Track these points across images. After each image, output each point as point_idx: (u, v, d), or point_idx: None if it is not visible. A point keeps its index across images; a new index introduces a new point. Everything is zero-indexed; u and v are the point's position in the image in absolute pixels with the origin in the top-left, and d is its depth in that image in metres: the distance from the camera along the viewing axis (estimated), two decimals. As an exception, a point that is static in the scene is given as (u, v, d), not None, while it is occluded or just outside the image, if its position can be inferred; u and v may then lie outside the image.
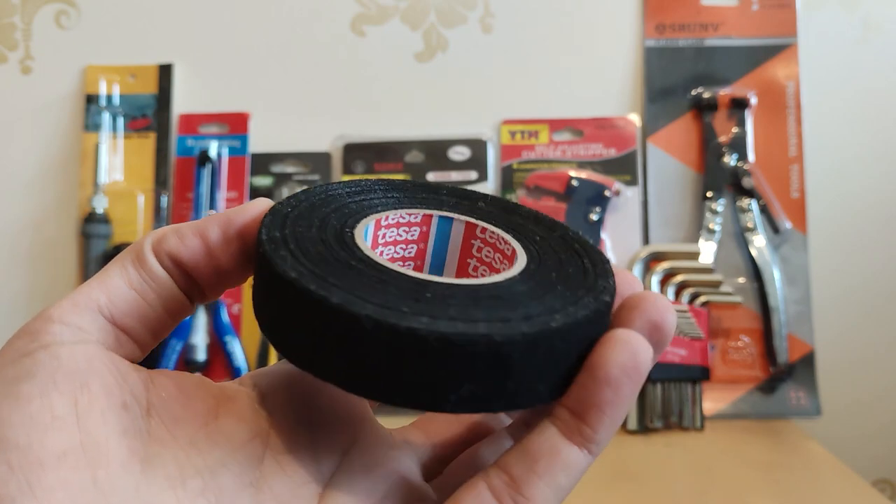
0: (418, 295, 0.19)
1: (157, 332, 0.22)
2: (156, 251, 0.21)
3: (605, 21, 0.76)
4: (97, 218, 0.73)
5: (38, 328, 0.19)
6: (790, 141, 0.73)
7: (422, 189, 0.26)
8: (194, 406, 0.20)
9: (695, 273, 0.69)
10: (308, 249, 0.20)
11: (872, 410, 0.73)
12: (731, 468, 0.56)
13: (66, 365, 0.18)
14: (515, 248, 0.23)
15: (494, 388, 0.18)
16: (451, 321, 0.18)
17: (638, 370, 0.19)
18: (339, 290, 0.18)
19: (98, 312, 0.20)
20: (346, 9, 0.77)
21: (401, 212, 0.24)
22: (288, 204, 0.22)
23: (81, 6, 0.77)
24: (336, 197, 0.24)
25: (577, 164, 0.74)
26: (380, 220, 0.24)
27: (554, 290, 0.21)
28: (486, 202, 0.26)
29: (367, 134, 0.76)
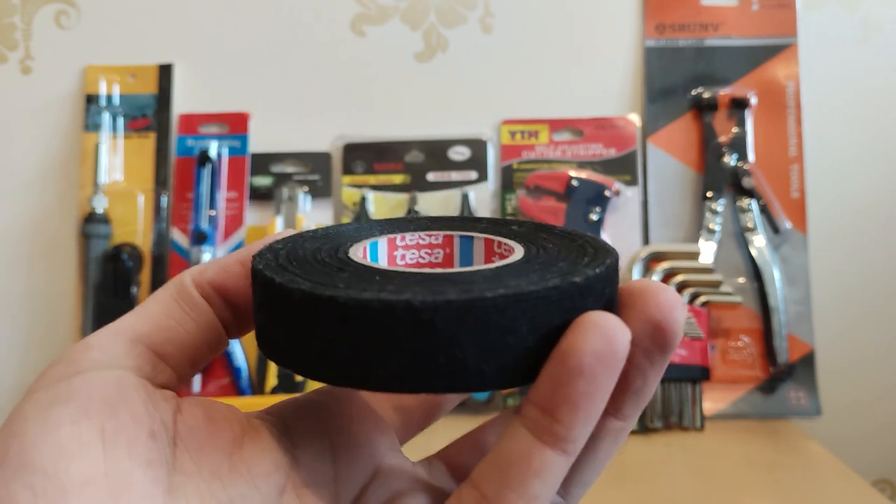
0: (378, 277, 0.19)
1: (196, 361, 0.22)
2: (197, 282, 0.22)
3: (605, 21, 0.76)
4: (97, 218, 0.73)
5: (75, 355, 0.20)
6: (790, 141, 0.73)
7: (427, 220, 0.26)
8: (220, 435, 0.20)
9: (695, 273, 0.69)
10: (298, 259, 0.21)
11: (872, 410, 0.73)
12: (731, 468, 0.56)
13: (98, 392, 0.19)
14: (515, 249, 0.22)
15: (425, 363, 0.17)
16: (380, 292, 0.17)
17: (614, 356, 0.17)
18: (294, 276, 0.19)
19: (137, 340, 0.21)
20: (346, 9, 0.77)
21: (419, 233, 0.24)
22: (300, 235, 0.23)
23: (81, 6, 0.77)
24: (340, 233, 0.24)
25: (577, 164, 0.74)
26: (394, 238, 0.24)
27: (527, 274, 0.19)
28: (518, 226, 0.25)
29: (367, 134, 0.76)
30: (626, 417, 0.20)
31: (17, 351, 0.75)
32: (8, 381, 0.75)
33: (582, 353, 0.17)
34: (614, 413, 0.20)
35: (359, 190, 0.74)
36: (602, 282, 0.19)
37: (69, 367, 0.19)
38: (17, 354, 0.75)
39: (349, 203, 0.74)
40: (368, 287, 0.18)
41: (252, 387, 0.70)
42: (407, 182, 0.75)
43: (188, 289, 0.22)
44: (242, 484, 0.19)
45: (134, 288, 0.72)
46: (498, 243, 0.23)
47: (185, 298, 0.22)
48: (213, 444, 0.20)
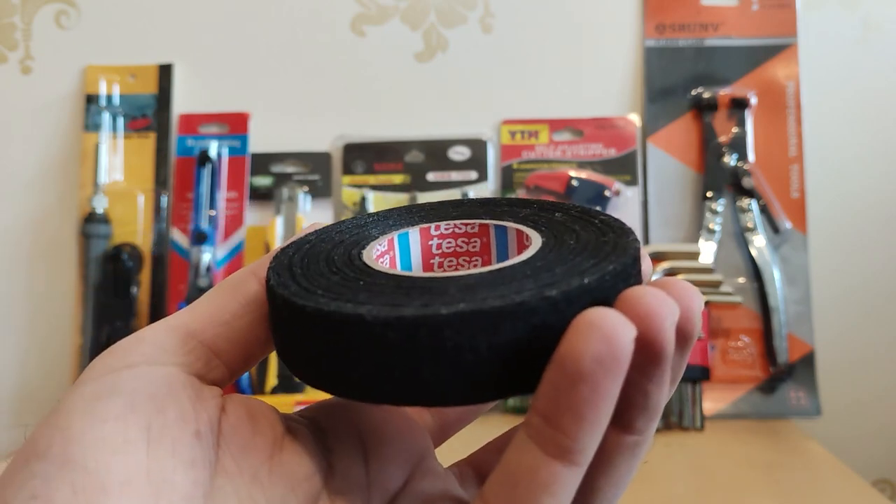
0: (362, 283, 0.19)
1: (249, 357, 0.22)
2: (258, 276, 0.22)
3: (605, 21, 0.76)
4: (97, 218, 0.73)
5: (127, 347, 0.20)
6: (790, 141, 0.73)
7: (446, 206, 0.26)
8: (262, 436, 0.20)
9: (695, 273, 0.69)
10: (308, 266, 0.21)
11: (872, 410, 0.73)
12: (731, 468, 0.56)
13: (146, 387, 0.18)
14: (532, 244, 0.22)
15: (384, 374, 0.17)
16: (347, 302, 0.18)
17: (615, 359, 0.16)
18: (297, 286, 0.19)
19: (191, 336, 0.20)
20: (346, 9, 0.77)
21: (455, 221, 0.24)
22: (305, 239, 0.23)
23: (81, 6, 0.77)
24: (356, 226, 0.24)
25: (577, 164, 0.74)
26: (428, 228, 0.24)
27: (516, 279, 0.18)
28: (530, 208, 0.25)
29: (367, 134, 0.76)
30: (640, 431, 0.19)
31: (17, 351, 0.75)
32: (8, 380, 0.75)
33: (580, 357, 0.16)
34: (625, 428, 0.19)
35: (359, 190, 0.74)
36: (588, 294, 0.17)
37: (119, 359, 0.19)
38: (17, 354, 0.75)
39: (349, 203, 0.74)
40: (347, 297, 0.18)
41: (252, 386, 0.70)
42: (407, 182, 0.75)
43: (246, 283, 0.21)
44: (281, 487, 0.19)
45: (134, 288, 0.72)
46: (526, 236, 0.22)
47: (242, 293, 0.21)
48: (254, 445, 0.20)
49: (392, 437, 0.22)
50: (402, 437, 0.23)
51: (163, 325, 0.20)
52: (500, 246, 0.24)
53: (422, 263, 0.24)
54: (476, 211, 0.25)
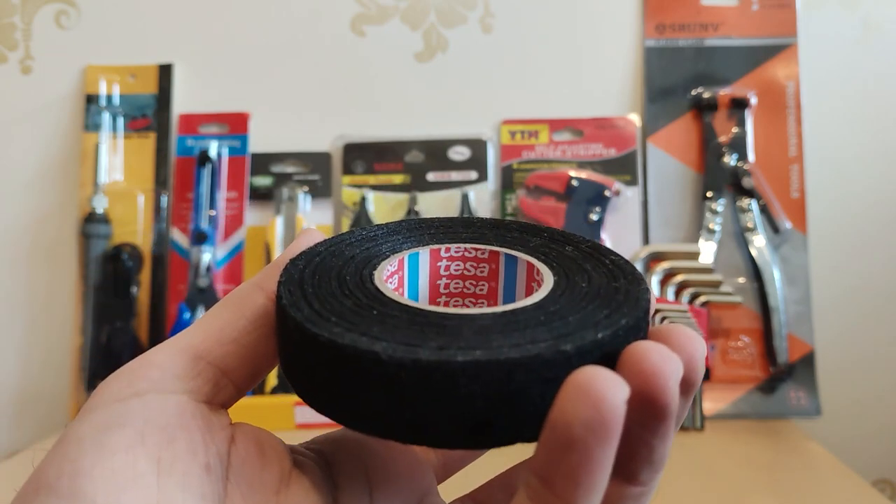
0: (375, 312, 0.19)
1: (258, 372, 0.21)
2: (263, 288, 0.21)
3: (605, 21, 0.76)
4: (97, 218, 0.73)
5: (136, 372, 0.19)
6: (790, 141, 0.73)
7: (457, 225, 0.25)
8: (270, 470, 0.20)
9: (695, 273, 0.69)
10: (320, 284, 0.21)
11: (872, 410, 0.73)
12: (731, 468, 0.56)
13: (156, 418, 0.18)
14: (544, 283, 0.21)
15: (393, 413, 0.17)
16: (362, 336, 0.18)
17: (607, 425, 0.15)
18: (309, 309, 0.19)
19: (199, 357, 0.20)
20: (346, 9, 0.77)
21: (465, 245, 0.24)
22: (315, 251, 0.23)
23: (81, 6, 0.77)
24: (366, 239, 0.24)
25: (577, 164, 0.74)
26: (438, 250, 0.23)
27: (529, 327, 0.18)
28: (541, 238, 0.24)
29: (367, 134, 0.76)
30: (645, 483, 0.19)
31: (17, 351, 0.75)
32: (8, 381, 0.75)
33: (570, 423, 0.15)
34: (629, 480, 0.18)
35: (359, 190, 0.74)
36: (600, 349, 0.17)
37: (128, 385, 0.19)
38: (18, 354, 0.75)
39: (349, 203, 0.74)
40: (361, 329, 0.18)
41: (252, 387, 0.70)
42: (407, 182, 0.75)
43: (252, 297, 0.21)
44: None
45: (134, 288, 0.72)
46: (537, 270, 0.22)
47: (249, 308, 0.21)
48: (262, 480, 0.19)
49: (397, 474, 0.22)
50: (408, 474, 0.23)
51: (171, 348, 0.20)
52: (509, 275, 0.24)
53: (429, 284, 0.24)
54: (486, 234, 0.25)
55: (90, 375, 0.71)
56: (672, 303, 0.67)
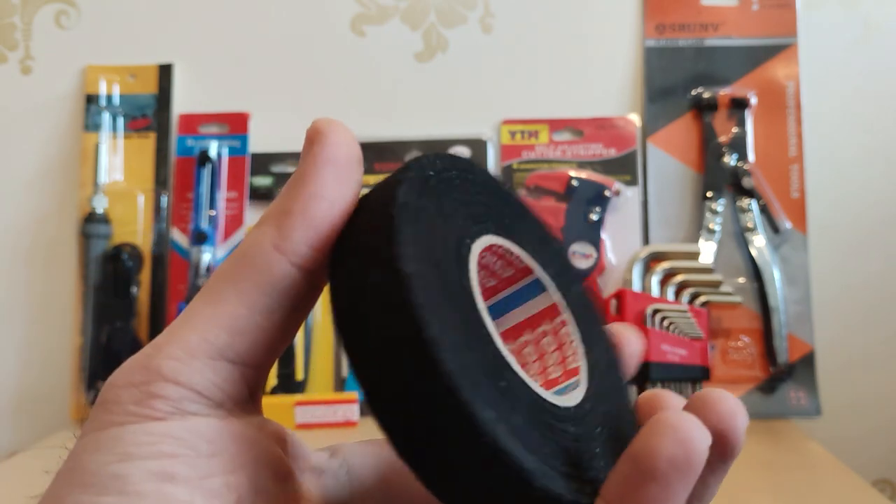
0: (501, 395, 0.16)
1: (278, 350, 0.19)
2: (283, 250, 0.18)
3: (605, 21, 0.76)
4: (97, 218, 0.73)
5: (145, 385, 0.17)
6: (790, 141, 0.73)
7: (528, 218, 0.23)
8: (284, 493, 0.19)
9: (695, 273, 0.69)
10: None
11: (872, 410, 0.73)
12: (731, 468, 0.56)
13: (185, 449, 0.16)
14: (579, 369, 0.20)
15: None
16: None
17: (690, 463, 0.16)
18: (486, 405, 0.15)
19: (218, 359, 0.17)
20: (346, 9, 0.77)
21: (513, 245, 0.21)
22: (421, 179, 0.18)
23: (81, 6, 0.77)
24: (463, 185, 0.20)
25: (577, 164, 0.74)
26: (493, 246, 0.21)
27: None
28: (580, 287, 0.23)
29: (367, 134, 0.76)
30: None
31: (17, 351, 0.75)
32: (8, 381, 0.75)
33: (656, 457, 0.16)
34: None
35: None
36: None
37: (142, 403, 0.16)
38: (18, 354, 0.75)
39: (349, 203, 0.74)
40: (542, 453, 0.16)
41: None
42: (407, 182, 0.75)
43: (272, 266, 0.17)
44: None
45: (134, 288, 0.72)
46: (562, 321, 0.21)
47: (269, 280, 0.17)
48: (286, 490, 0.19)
49: (419, 494, 0.21)
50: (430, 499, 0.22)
51: (181, 353, 0.17)
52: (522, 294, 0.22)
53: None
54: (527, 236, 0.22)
55: (90, 375, 0.71)
56: (672, 303, 0.67)
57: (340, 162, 0.19)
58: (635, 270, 0.69)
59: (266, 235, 0.18)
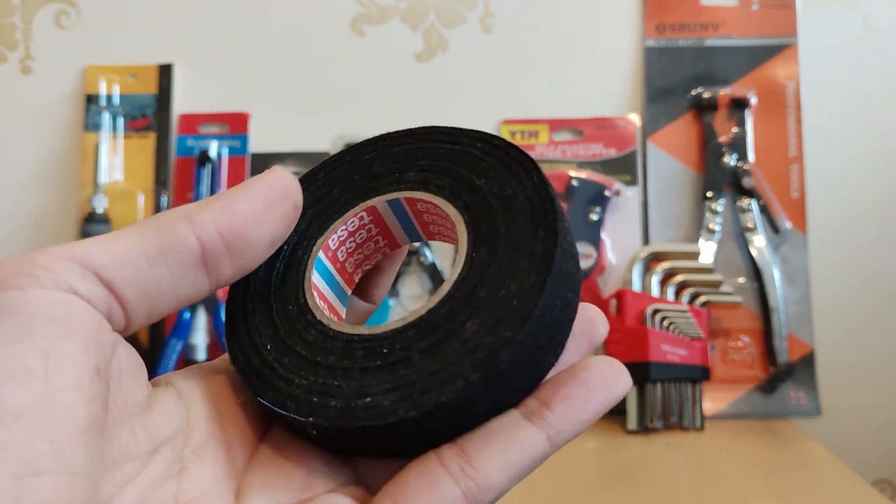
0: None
1: (155, 311, 0.20)
2: (194, 221, 0.19)
3: (605, 21, 0.76)
4: (97, 218, 0.73)
5: (14, 267, 0.17)
6: (790, 141, 0.73)
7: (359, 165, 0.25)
8: (140, 389, 0.19)
9: (695, 273, 0.69)
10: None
11: (873, 410, 0.73)
12: (731, 468, 0.56)
13: (46, 311, 0.17)
14: (451, 217, 0.22)
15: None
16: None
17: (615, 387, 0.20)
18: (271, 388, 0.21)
19: (90, 270, 0.18)
20: (346, 9, 0.77)
21: (339, 228, 0.24)
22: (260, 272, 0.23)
23: (81, 6, 0.77)
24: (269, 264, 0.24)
25: (577, 164, 0.74)
26: (328, 244, 0.24)
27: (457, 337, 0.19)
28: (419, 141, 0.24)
29: (367, 134, 0.75)
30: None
31: (17, 351, 0.75)
32: (8, 381, 0.75)
33: (594, 369, 0.20)
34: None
35: (359, 190, 0.74)
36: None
37: (7, 280, 0.17)
38: (17, 354, 0.75)
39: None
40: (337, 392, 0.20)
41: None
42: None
43: (178, 227, 0.19)
44: (152, 443, 0.19)
45: (134, 288, 0.72)
46: (419, 200, 0.23)
47: (169, 238, 0.19)
48: (135, 395, 0.19)
49: (244, 403, 0.22)
50: (253, 403, 0.23)
51: (60, 253, 0.18)
52: (406, 225, 0.24)
53: (340, 274, 0.24)
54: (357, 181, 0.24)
55: (90, 375, 0.71)
56: (672, 303, 0.67)
57: (275, 187, 0.21)
58: (635, 270, 0.69)
59: (185, 208, 0.20)
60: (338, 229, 0.24)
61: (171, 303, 0.20)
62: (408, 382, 0.19)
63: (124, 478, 0.18)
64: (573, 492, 0.51)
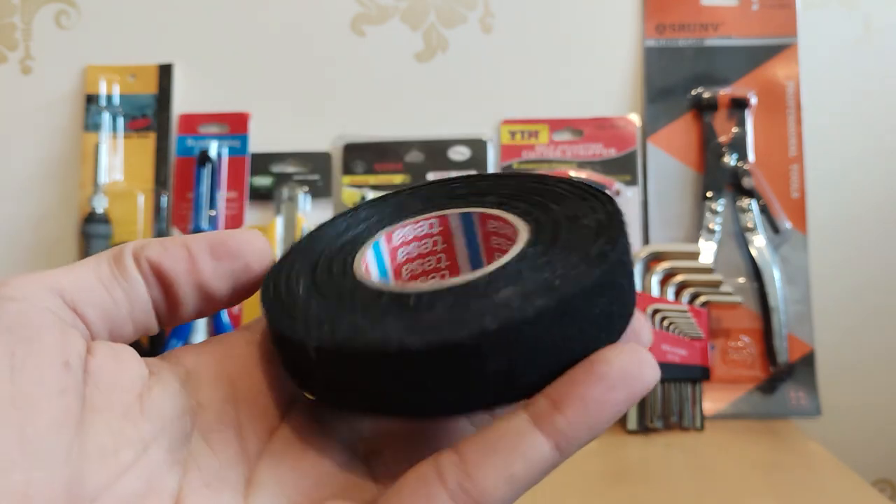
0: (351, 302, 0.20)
1: (115, 335, 0.21)
2: (135, 255, 0.21)
3: (605, 21, 0.76)
4: (97, 218, 0.73)
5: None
6: (790, 141, 0.73)
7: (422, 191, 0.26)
8: (129, 374, 0.19)
9: (695, 273, 0.69)
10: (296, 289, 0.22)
11: (873, 410, 0.73)
12: (731, 468, 0.56)
13: (10, 316, 0.17)
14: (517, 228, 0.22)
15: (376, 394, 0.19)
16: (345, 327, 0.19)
17: (639, 381, 0.18)
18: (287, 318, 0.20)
19: (55, 292, 0.19)
20: (346, 9, 0.77)
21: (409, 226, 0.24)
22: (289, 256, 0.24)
23: (81, 6, 0.77)
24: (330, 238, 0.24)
25: (577, 164, 0.74)
26: (391, 234, 0.24)
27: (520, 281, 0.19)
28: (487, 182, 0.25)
29: (367, 134, 0.76)
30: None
31: (17, 351, 0.75)
32: (8, 381, 0.75)
33: (613, 364, 0.18)
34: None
35: (359, 190, 0.74)
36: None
37: None
38: (17, 354, 0.75)
39: (349, 203, 0.74)
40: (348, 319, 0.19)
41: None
42: (407, 182, 0.75)
43: (125, 258, 0.21)
44: (152, 425, 0.18)
45: (134, 288, 0.72)
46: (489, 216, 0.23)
47: (120, 267, 0.21)
48: (122, 383, 0.19)
49: (261, 380, 0.22)
50: (272, 380, 0.22)
51: (26, 278, 0.19)
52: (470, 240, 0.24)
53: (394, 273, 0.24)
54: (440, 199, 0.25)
55: (90, 375, 0.71)
56: (672, 303, 0.67)
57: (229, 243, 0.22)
58: (635, 270, 0.69)
59: (138, 241, 0.22)
60: (406, 226, 0.24)
61: (130, 328, 0.21)
62: (424, 323, 0.18)
63: (119, 466, 0.17)
64: (573, 492, 0.51)
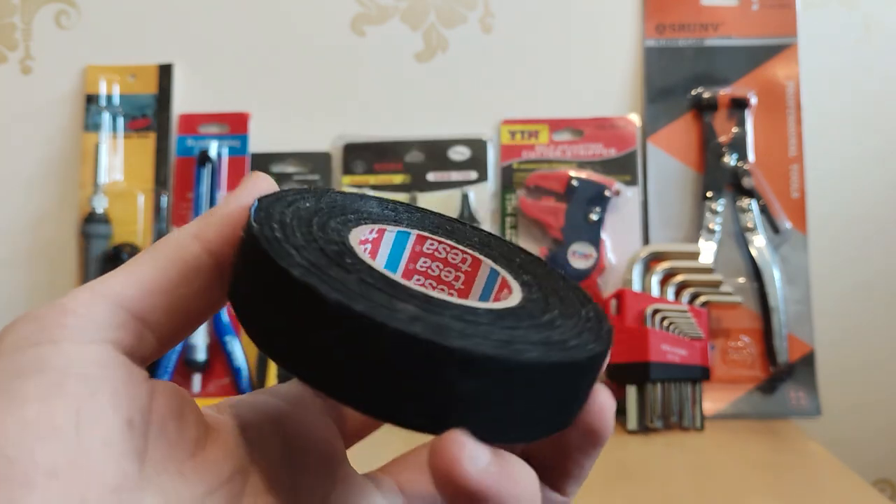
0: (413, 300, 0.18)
1: (183, 329, 0.20)
2: (201, 239, 0.20)
3: (605, 21, 0.76)
4: (97, 218, 0.73)
5: (49, 317, 0.17)
6: (790, 141, 0.73)
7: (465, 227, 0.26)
8: (188, 429, 0.18)
9: (695, 273, 0.69)
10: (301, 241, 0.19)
11: (872, 410, 0.73)
12: (731, 468, 0.56)
13: (76, 368, 0.17)
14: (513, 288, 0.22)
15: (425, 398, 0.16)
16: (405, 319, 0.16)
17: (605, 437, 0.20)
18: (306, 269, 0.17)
19: (120, 306, 0.18)
20: (346, 9, 0.77)
21: (449, 244, 0.23)
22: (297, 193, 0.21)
23: (81, 6, 0.77)
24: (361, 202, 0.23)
25: (577, 164, 0.74)
26: (424, 237, 0.23)
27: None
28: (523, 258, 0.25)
29: (367, 134, 0.76)
30: (569, 494, 0.23)
31: (17, 351, 0.75)
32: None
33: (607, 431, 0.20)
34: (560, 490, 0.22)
35: (359, 190, 0.74)
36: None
37: (41, 332, 0.17)
38: (17, 354, 0.75)
39: (349, 203, 0.74)
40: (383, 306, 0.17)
41: (252, 386, 0.70)
42: (407, 182, 0.75)
43: (188, 248, 0.20)
44: (205, 485, 0.18)
45: (134, 288, 0.72)
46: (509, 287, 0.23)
47: (182, 259, 0.19)
48: (181, 438, 0.18)
49: (317, 440, 0.22)
50: (323, 441, 0.22)
51: (89, 294, 0.18)
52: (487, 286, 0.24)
53: (404, 267, 0.23)
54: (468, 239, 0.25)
55: (90, 375, 0.71)
56: (672, 303, 0.67)
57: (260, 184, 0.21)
58: (635, 270, 0.69)
59: (190, 227, 0.20)
60: (443, 243, 0.24)
61: (200, 318, 0.20)
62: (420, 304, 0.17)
63: None
64: (573, 492, 0.51)
